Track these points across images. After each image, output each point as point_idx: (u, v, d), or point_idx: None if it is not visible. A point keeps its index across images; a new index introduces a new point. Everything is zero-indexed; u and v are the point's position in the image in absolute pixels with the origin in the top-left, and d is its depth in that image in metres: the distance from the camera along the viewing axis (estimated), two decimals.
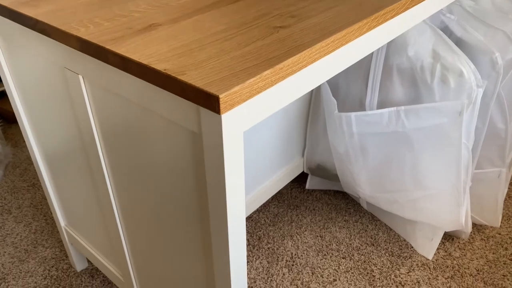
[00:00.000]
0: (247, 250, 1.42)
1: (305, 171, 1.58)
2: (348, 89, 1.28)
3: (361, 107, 1.25)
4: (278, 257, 1.40)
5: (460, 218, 1.24)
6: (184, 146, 0.60)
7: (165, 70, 0.52)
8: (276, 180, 1.56)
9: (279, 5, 0.74)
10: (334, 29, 0.63)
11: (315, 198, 1.62)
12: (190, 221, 0.69)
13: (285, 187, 1.66)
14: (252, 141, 1.37)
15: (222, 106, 0.48)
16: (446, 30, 1.20)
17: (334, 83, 1.32)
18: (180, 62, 0.54)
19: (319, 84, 0.69)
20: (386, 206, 1.34)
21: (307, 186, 1.58)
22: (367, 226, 1.49)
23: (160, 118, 0.61)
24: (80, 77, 0.72)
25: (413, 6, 0.81)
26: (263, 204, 1.59)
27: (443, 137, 1.12)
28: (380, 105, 1.21)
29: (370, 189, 1.31)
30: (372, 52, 1.17)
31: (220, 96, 0.47)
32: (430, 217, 1.29)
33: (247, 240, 1.46)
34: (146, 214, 0.81)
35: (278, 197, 1.63)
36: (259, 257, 1.40)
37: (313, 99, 1.42)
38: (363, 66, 1.21)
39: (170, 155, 0.64)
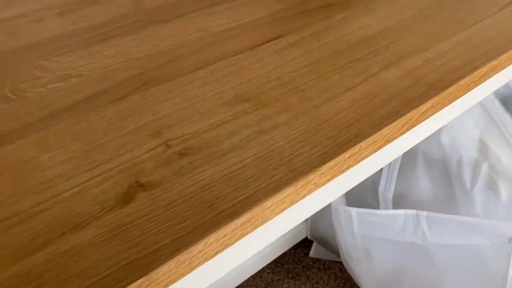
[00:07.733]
0: None
1: (309, 238, 1.27)
2: None
3: (374, 193, 0.91)
4: None
5: None
6: None
7: None
8: (275, 246, 1.27)
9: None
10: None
11: (321, 266, 1.31)
12: None
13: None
14: None
15: None
16: None
17: None
18: None
19: None
20: None
21: (311, 253, 1.28)
22: None
23: None
24: None
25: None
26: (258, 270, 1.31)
27: (481, 266, 0.76)
28: (397, 199, 0.86)
29: None
30: None
31: None
32: None
33: None
34: None
35: (277, 260, 1.34)
36: None
37: None
38: None
39: None
